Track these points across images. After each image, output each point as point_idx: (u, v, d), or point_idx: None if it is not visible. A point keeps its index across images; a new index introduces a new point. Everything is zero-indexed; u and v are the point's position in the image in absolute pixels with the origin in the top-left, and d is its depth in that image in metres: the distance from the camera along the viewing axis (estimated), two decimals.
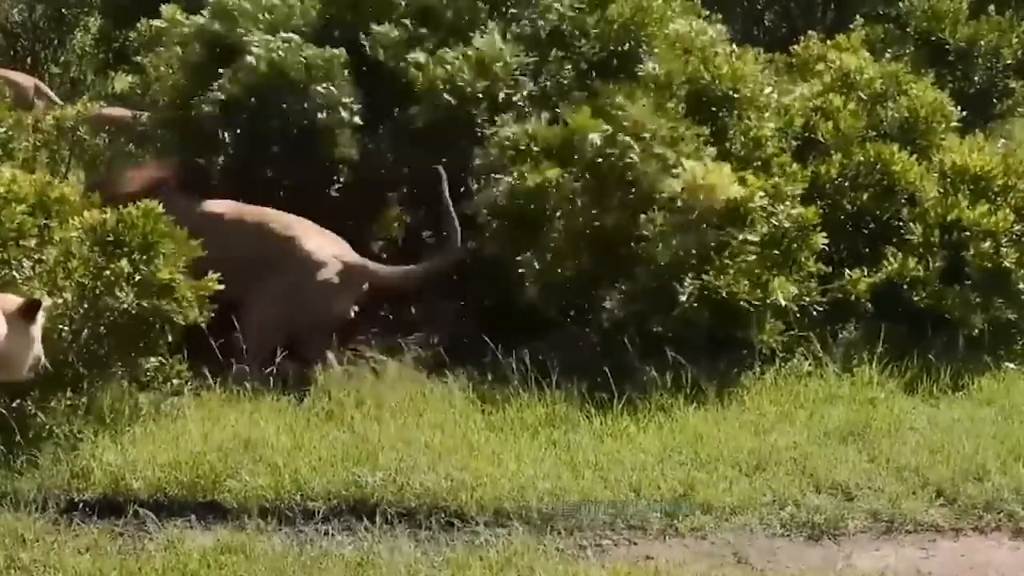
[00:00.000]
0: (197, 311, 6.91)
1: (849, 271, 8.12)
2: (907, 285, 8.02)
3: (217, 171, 8.55)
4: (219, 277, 6.98)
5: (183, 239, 6.93)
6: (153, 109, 9.35)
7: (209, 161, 8.58)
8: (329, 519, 6.05)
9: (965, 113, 9.45)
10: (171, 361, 7.01)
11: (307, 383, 7.35)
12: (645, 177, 7.70)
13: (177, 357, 7.04)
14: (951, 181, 8.47)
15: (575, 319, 7.83)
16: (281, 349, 7.44)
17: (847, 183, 8.52)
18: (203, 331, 7.07)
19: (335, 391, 7.19)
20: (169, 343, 6.95)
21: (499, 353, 7.42)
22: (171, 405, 6.92)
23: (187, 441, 6.53)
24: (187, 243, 6.94)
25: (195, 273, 6.97)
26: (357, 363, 7.67)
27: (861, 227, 8.54)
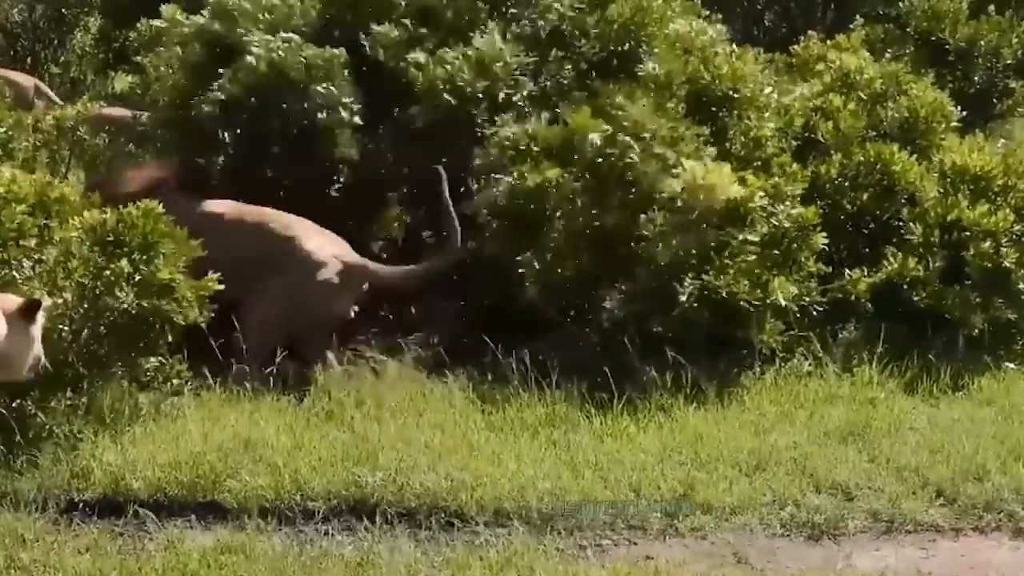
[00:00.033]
0: (197, 311, 6.91)
1: (849, 271, 8.12)
2: (907, 285, 8.02)
3: (217, 171, 8.55)
4: (219, 277, 6.98)
5: (183, 239, 6.93)
6: (153, 109, 9.35)
7: (209, 161, 8.58)
8: (329, 519, 6.05)
9: (965, 113, 9.45)
10: (171, 361, 7.01)
11: (307, 383, 7.36)
12: (645, 177, 7.70)
13: (177, 357, 7.04)
14: (951, 181, 8.47)
15: (575, 319, 7.84)
16: (281, 349, 7.44)
17: (847, 183, 8.52)
18: (203, 331, 7.07)
19: (335, 391, 7.19)
20: (169, 343, 6.95)
21: (499, 353, 7.42)
22: (171, 405, 6.92)
23: (187, 441, 6.53)
24: (187, 243, 6.95)
25: (195, 273, 6.97)
26: (357, 363, 7.67)
27: (861, 227, 8.54)
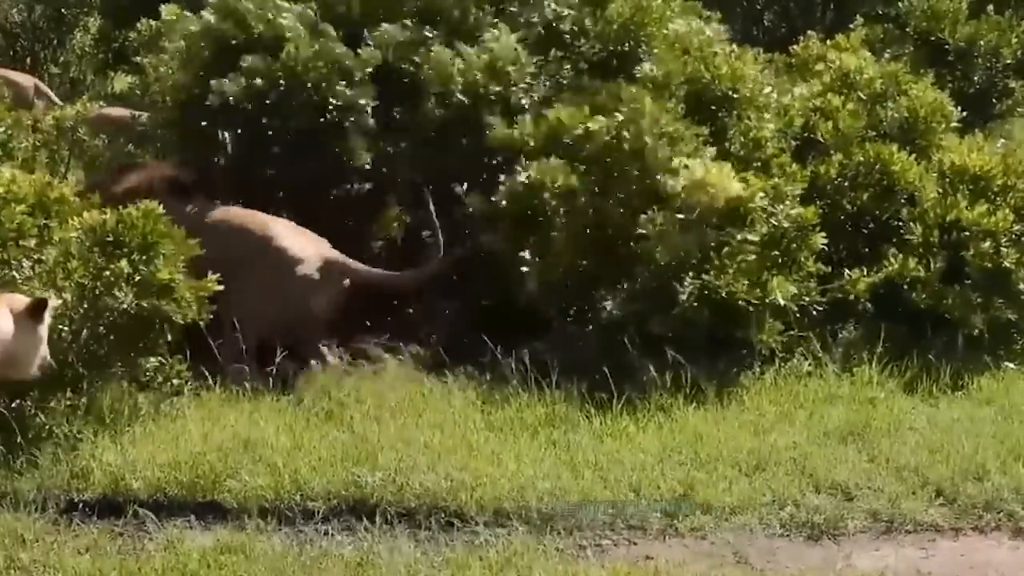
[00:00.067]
0: (196, 311, 6.91)
1: (849, 271, 8.12)
2: (907, 285, 8.03)
3: (219, 172, 8.54)
4: (218, 277, 6.99)
5: (181, 239, 6.93)
6: (152, 109, 9.34)
7: (210, 162, 8.57)
8: (329, 519, 6.05)
9: (965, 113, 9.45)
10: (171, 361, 7.01)
11: (298, 382, 7.34)
12: (653, 164, 7.70)
13: (177, 357, 7.04)
14: (950, 181, 8.47)
15: (575, 319, 7.83)
16: (281, 349, 7.44)
17: (847, 183, 8.52)
18: (202, 331, 7.07)
19: (335, 391, 7.19)
20: (169, 343, 6.96)
21: (499, 353, 7.43)
22: (171, 405, 6.92)
23: (187, 441, 6.53)
24: (185, 243, 6.95)
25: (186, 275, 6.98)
26: (357, 362, 7.67)
27: (861, 227, 8.54)
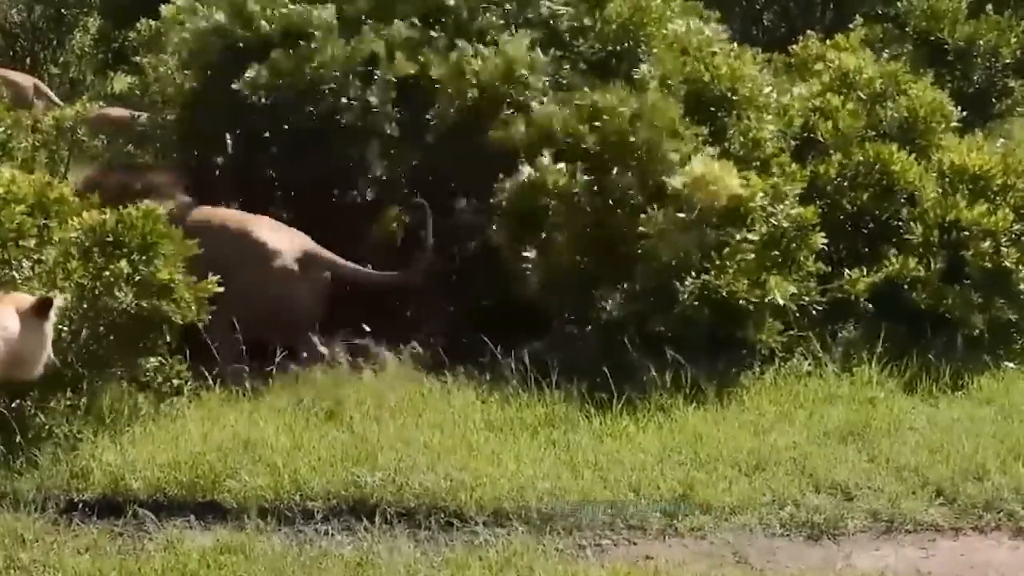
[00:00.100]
0: (196, 312, 6.91)
1: (849, 271, 8.12)
2: (907, 285, 8.03)
3: (219, 172, 8.55)
4: (219, 279, 7.00)
5: (180, 239, 6.93)
6: (152, 109, 9.34)
7: (211, 162, 8.57)
8: (329, 519, 6.05)
9: (964, 113, 9.45)
10: (171, 361, 7.01)
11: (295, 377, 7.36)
12: (650, 170, 7.70)
13: (177, 357, 7.04)
14: (950, 181, 8.47)
15: (575, 319, 7.83)
16: (277, 348, 7.44)
17: (846, 183, 8.52)
18: (200, 331, 7.07)
19: (335, 391, 7.19)
20: (168, 343, 6.96)
21: (499, 353, 7.43)
22: (170, 405, 6.92)
23: (186, 441, 6.53)
24: (184, 243, 6.94)
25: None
26: (357, 361, 7.67)
27: (861, 227, 8.54)
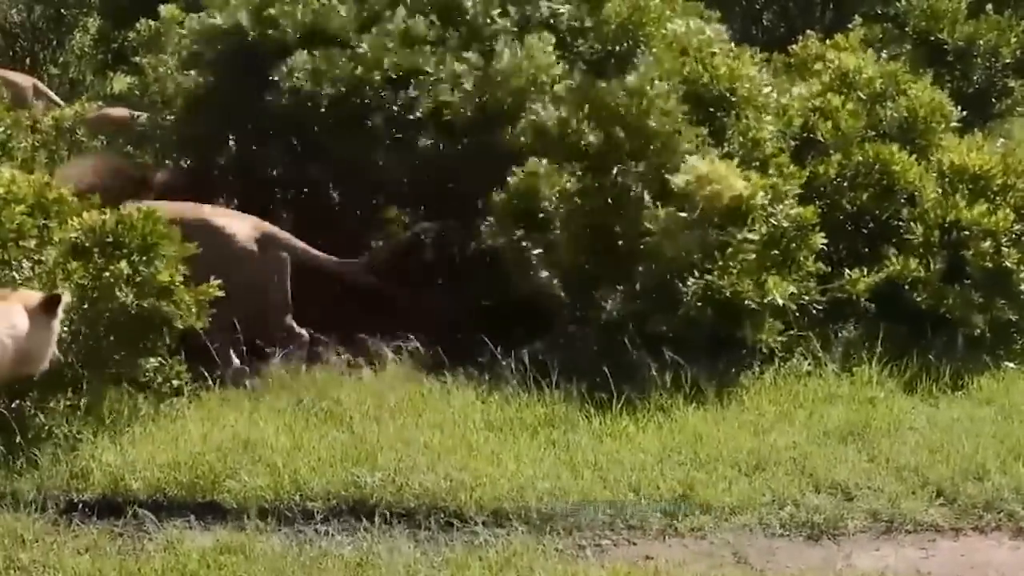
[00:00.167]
0: (196, 315, 6.91)
1: (849, 271, 8.11)
2: (907, 285, 8.02)
3: (219, 172, 8.56)
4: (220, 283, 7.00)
5: (179, 240, 6.92)
6: (152, 109, 9.34)
7: (213, 163, 8.58)
8: (328, 519, 6.04)
9: (964, 113, 9.44)
10: (171, 362, 7.01)
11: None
12: (656, 169, 7.70)
13: (177, 358, 7.04)
14: (950, 181, 8.47)
15: (575, 319, 7.83)
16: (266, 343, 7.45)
17: (846, 183, 8.51)
18: (199, 332, 7.07)
19: (335, 391, 7.19)
20: (168, 344, 6.95)
21: (499, 353, 7.43)
22: (170, 406, 6.92)
23: (186, 442, 6.53)
24: (183, 245, 6.94)
25: None
26: (356, 359, 7.68)
27: (861, 227, 8.53)
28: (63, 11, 15.76)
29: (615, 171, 7.79)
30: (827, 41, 9.95)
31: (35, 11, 15.77)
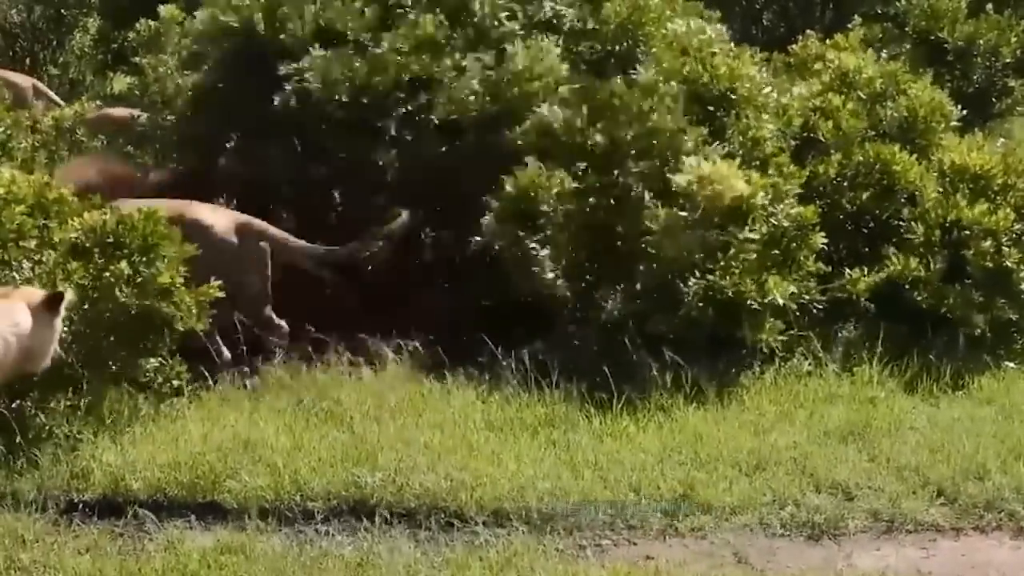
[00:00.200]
0: (196, 316, 6.90)
1: (849, 271, 8.12)
2: (908, 285, 8.02)
3: (219, 173, 8.55)
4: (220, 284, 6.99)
5: (180, 241, 6.92)
6: (151, 109, 9.34)
7: (213, 162, 8.57)
8: (329, 519, 6.04)
9: (964, 112, 9.44)
10: (171, 362, 7.01)
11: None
12: (659, 168, 7.70)
13: (177, 359, 7.03)
14: (951, 180, 8.47)
15: (575, 319, 7.83)
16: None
17: (846, 183, 8.51)
18: (199, 332, 7.08)
19: (335, 391, 7.19)
20: (168, 344, 6.95)
21: (499, 353, 7.42)
22: (170, 406, 6.92)
23: (187, 442, 6.53)
24: (183, 246, 6.94)
25: None
26: (356, 360, 7.68)
27: (861, 227, 8.54)
28: (63, 11, 15.76)
29: (616, 171, 7.80)
30: (827, 41, 9.95)
31: (35, 11, 15.76)
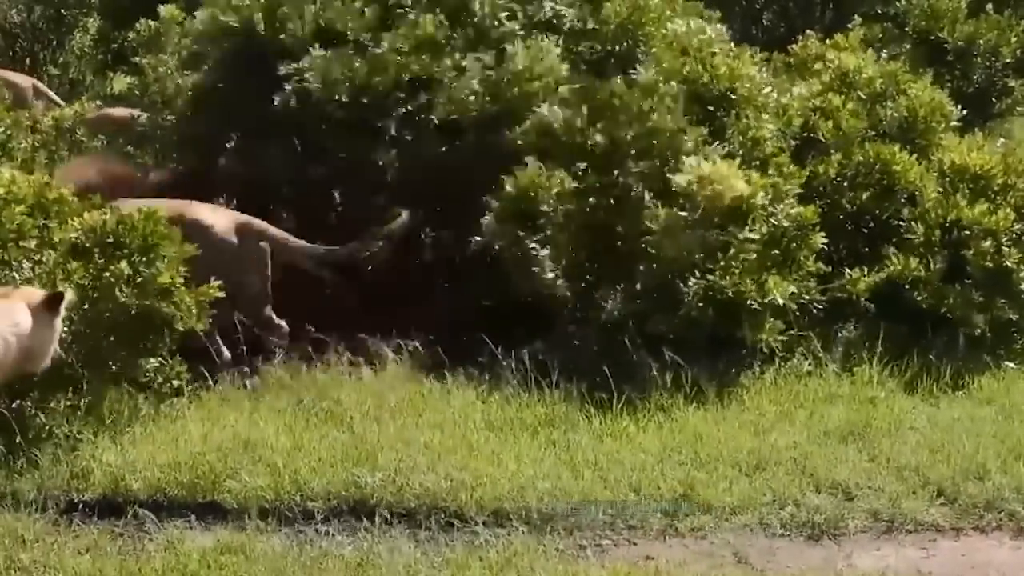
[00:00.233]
0: (196, 317, 6.90)
1: (849, 271, 8.12)
2: (908, 285, 8.02)
3: (219, 173, 8.55)
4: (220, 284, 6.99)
5: (180, 241, 6.92)
6: (151, 109, 9.34)
7: (213, 162, 8.57)
8: (329, 519, 6.04)
9: (964, 112, 9.44)
10: (171, 362, 7.01)
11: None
12: (659, 168, 7.70)
13: (177, 359, 7.03)
14: (951, 180, 8.46)
15: (575, 319, 7.83)
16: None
17: (846, 183, 8.51)
18: (198, 332, 7.08)
19: (335, 391, 7.19)
20: (168, 344, 6.95)
21: (499, 353, 7.42)
22: (170, 406, 6.92)
23: (187, 442, 6.53)
24: (183, 246, 6.94)
25: None
26: (356, 360, 7.68)
27: (861, 227, 8.53)
28: (63, 11, 15.75)
29: (616, 171, 7.79)
30: (827, 41, 9.95)
31: (35, 11, 15.76)
